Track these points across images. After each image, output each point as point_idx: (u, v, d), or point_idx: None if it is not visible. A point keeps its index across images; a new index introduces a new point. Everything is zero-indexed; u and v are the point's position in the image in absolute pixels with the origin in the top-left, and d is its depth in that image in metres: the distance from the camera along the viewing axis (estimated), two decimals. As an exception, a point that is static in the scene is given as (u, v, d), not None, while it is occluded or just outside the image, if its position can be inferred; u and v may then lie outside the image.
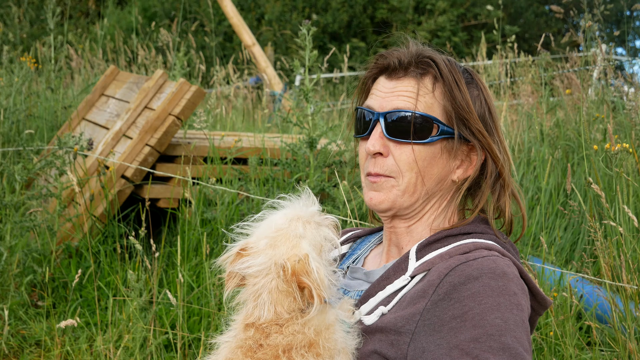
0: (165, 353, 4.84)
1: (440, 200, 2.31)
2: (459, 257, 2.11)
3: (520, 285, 2.08)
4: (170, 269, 5.65)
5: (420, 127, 2.21)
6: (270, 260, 2.04)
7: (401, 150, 2.23)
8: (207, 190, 5.84)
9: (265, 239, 2.08)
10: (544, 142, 6.78)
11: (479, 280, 2.03)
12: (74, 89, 9.76)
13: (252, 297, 2.06)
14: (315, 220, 2.13)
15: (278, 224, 2.10)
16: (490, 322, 1.96)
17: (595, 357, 4.10)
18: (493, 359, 1.91)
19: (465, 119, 2.22)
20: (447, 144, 2.24)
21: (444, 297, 2.03)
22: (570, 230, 5.96)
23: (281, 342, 2.00)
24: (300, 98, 5.92)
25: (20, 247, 5.44)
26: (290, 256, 2.03)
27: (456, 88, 2.23)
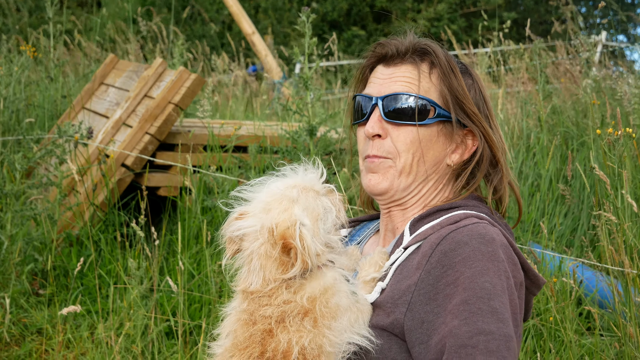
0: (166, 340, 4.85)
1: (436, 184, 2.34)
2: (450, 226, 2.15)
3: (508, 253, 2.10)
4: (171, 256, 5.66)
5: (418, 109, 2.25)
6: (260, 223, 2.06)
7: (399, 132, 2.27)
8: (207, 178, 5.84)
9: (261, 203, 2.10)
10: (543, 129, 6.78)
11: (468, 245, 2.06)
12: (72, 78, 9.74)
13: (246, 262, 2.08)
14: (315, 188, 2.15)
15: (274, 189, 2.12)
16: (480, 285, 1.99)
17: (596, 342, 4.11)
18: (482, 321, 1.94)
19: (461, 103, 2.27)
20: (444, 128, 2.29)
21: (436, 265, 2.07)
22: (570, 217, 5.96)
23: (272, 313, 2.01)
24: (300, 86, 5.91)
25: (21, 236, 5.45)
26: (280, 220, 2.04)
27: (452, 74, 2.28)
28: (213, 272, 5.00)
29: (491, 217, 2.25)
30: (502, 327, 1.94)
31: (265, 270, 2.04)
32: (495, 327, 1.93)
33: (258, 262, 2.05)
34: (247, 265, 2.07)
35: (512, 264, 2.09)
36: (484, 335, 1.91)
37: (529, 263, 2.20)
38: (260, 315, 2.02)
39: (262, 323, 2.02)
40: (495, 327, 1.93)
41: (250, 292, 2.05)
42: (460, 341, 1.92)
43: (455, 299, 1.99)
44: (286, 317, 2.01)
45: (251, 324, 2.03)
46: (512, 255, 2.11)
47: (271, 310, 2.02)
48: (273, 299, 2.03)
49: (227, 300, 4.73)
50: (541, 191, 6.09)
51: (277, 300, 2.02)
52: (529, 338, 4.49)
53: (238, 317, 2.06)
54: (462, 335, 1.92)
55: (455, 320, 1.95)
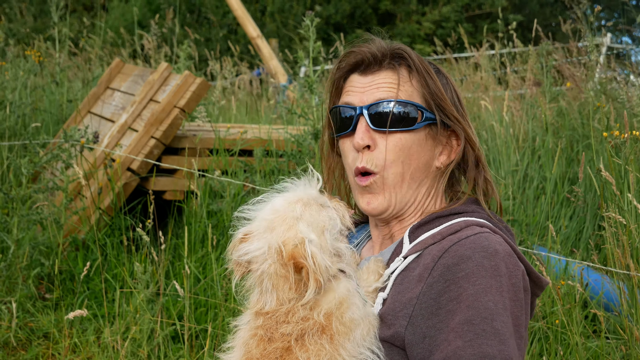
0: (172, 344, 4.86)
1: (429, 189, 2.32)
2: (451, 237, 2.13)
3: (512, 263, 2.09)
4: (177, 260, 5.66)
5: (406, 114, 2.23)
6: (267, 244, 2.03)
7: (388, 140, 2.23)
8: (213, 182, 5.85)
9: (264, 222, 2.06)
10: (548, 131, 6.78)
11: (471, 260, 2.04)
12: (77, 83, 9.77)
13: (257, 284, 2.05)
14: (317, 201, 2.12)
15: (276, 207, 2.08)
16: (484, 305, 1.99)
17: (602, 345, 4.10)
18: (485, 344, 1.95)
19: (441, 105, 2.26)
20: (430, 131, 2.27)
21: (438, 279, 2.06)
22: (575, 220, 5.96)
23: (292, 331, 1.99)
24: (305, 89, 5.92)
25: (27, 240, 5.46)
26: (285, 239, 2.01)
27: (429, 77, 2.26)
28: (219, 276, 5.01)
29: (491, 222, 2.24)
30: (504, 349, 1.95)
31: (279, 290, 2.02)
32: (497, 350, 1.94)
33: (269, 283, 2.02)
34: (259, 286, 2.04)
35: (515, 275, 2.08)
36: (487, 359, 1.93)
37: (532, 266, 2.20)
38: (280, 334, 1.99)
39: (280, 341, 1.99)
40: (497, 350, 1.94)
41: (265, 312, 2.02)
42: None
43: (459, 317, 1.99)
44: (306, 335, 1.99)
45: (267, 341, 2.00)
46: (516, 263, 2.10)
47: (290, 327, 1.99)
48: (290, 316, 2.00)
49: (233, 304, 4.75)
50: (546, 194, 6.08)
51: (294, 317, 2.00)
52: (535, 341, 4.49)
53: (253, 332, 2.03)
54: (467, 358, 1.94)
55: (459, 340, 1.96)
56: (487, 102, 7.51)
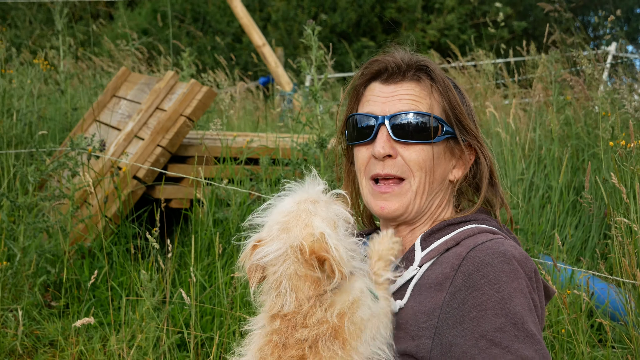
0: (178, 352, 4.86)
1: (441, 200, 2.35)
2: (466, 242, 2.16)
3: (528, 264, 2.12)
4: (183, 268, 5.67)
5: (426, 127, 2.25)
6: (285, 245, 2.03)
7: (410, 151, 2.26)
8: (219, 191, 5.86)
9: (277, 225, 2.07)
10: (554, 140, 6.78)
11: (491, 266, 2.07)
12: (81, 90, 9.79)
13: (274, 287, 2.04)
14: (323, 199, 2.13)
15: (287, 208, 2.09)
16: (512, 310, 2.01)
17: (608, 354, 4.10)
18: (522, 347, 1.97)
19: (460, 118, 2.29)
20: (448, 144, 2.31)
21: (460, 287, 2.08)
22: (581, 229, 5.95)
23: (307, 336, 1.99)
24: (310, 98, 5.93)
25: (33, 248, 5.47)
26: (305, 236, 2.02)
27: (449, 91, 2.29)
28: (225, 284, 5.01)
29: (501, 231, 2.26)
30: (540, 348, 2.00)
31: (298, 291, 2.01)
32: (533, 351, 1.98)
33: (288, 284, 2.02)
34: (276, 290, 2.03)
35: (533, 274, 2.12)
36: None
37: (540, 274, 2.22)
38: (295, 340, 1.99)
39: (295, 349, 1.99)
40: (533, 350, 1.98)
41: (283, 315, 2.02)
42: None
43: (488, 324, 2.01)
44: (319, 341, 1.99)
45: (281, 348, 2.00)
46: (531, 264, 2.13)
47: (306, 332, 1.99)
48: (308, 318, 2.00)
49: (239, 311, 4.75)
50: (552, 203, 6.09)
51: (312, 319, 2.00)
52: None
53: (268, 338, 2.03)
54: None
55: (495, 348, 1.98)
56: (492, 109, 7.52)
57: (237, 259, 5.25)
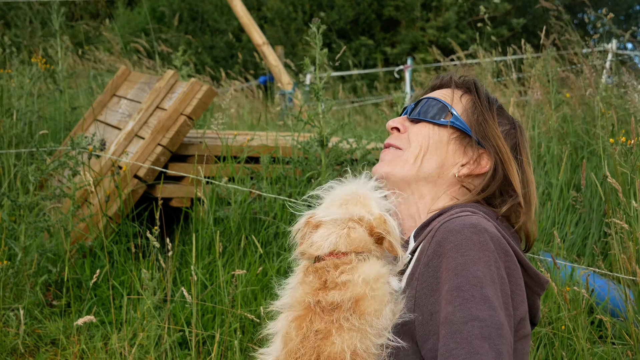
0: (179, 350, 4.88)
1: (438, 189, 2.40)
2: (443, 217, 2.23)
3: (500, 244, 2.14)
4: (184, 267, 5.68)
5: (434, 108, 2.42)
6: (346, 214, 2.15)
7: (416, 127, 2.43)
8: (220, 189, 5.87)
9: (338, 201, 2.20)
10: (553, 138, 6.79)
11: (460, 233, 2.11)
12: (81, 90, 9.80)
13: (321, 238, 2.15)
14: (374, 190, 2.27)
15: (348, 189, 2.23)
16: (472, 273, 2.04)
17: (608, 350, 4.12)
18: (475, 308, 1.99)
19: (485, 126, 2.39)
20: (458, 137, 2.40)
21: (432, 256, 2.13)
22: (581, 226, 5.97)
23: (334, 299, 2.07)
24: (311, 97, 5.94)
25: (34, 248, 5.48)
26: (365, 213, 2.15)
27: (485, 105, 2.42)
28: (226, 282, 5.03)
29: (492, 220, 2.28)
30: (494, 314, 2.00)
31: (340, 243, 2.13)
32: (487, 315, 1.99)
33: (336, 237, 2.14)
34: (322, 239, 2.15)
35: (504, 254, 2.14)
36: (478, 322, 1.97)
37: (529, 263, 2.25)
38: (324, 303, 2.07)
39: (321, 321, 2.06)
40: (487, 314, 1.99)
41: (316, 256, 2.13)
42: (455, 327, 1.98)
43: (449, 284, 2.05)
44: (343, 310, 2.06)
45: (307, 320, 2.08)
46: (504, 246, 2.15)
47: (337, 295, 2.07)
48: (338, 272, 2.10)
49: (240, 309, 4.77)
50: (552, 200, 6.10)
51: (341, 277, 2.09)
52: (541, 347, 4.50)
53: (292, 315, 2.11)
54: (457, 321, 1.99)
55: (449, 305, 2.02)
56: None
57: (237, 257, 5.27)
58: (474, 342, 1.95)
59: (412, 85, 13.81)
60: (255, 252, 5.44)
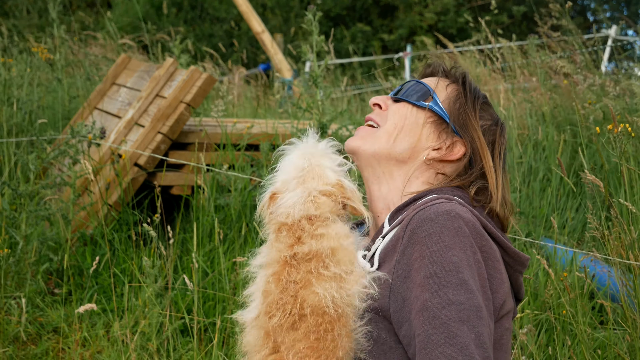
0: (181, 338, 4.89)
1: (408, 171, 2.40)
2: (419, 205, 2.22)
3: (475, 228, 2.14)
4: (185, 255, 5.69)
5: (417, 91, 2.43)
6: (304, 192, 2.17)
7: (395, 107, 2.44)
8: (220, 177, 5.87)
9: (294, 180, 2.21)
10: (548, 123, 6.79)
11: (434, 221, 2.11)
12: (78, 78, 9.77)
13: (290, 207, 2.18)
14: (326, 152, 2.28)
15: (298, 164, 2.24)
16: (448, 259, 2.04)
17: (609, 335, 4.13)
18: (452, 292, 1.99)
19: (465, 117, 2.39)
20: (434, 122, 2.40)
21: (407, 244, 2.12)
22: (581, 211, 5.97)
23: (311, 249, 2.11)
24: (310, 84, 5.93)
25: (36, 236, 5.49)
26: (322, 185, 2.19)
27: (469, 96, 2.42)
28: (227, 269, 5.04)
29: (467, 205, 2.27)
30: (472, 297, 2.00)
31: (310, 208, 2.17)
32: (465, 298, 1.99)
33: (304, 203, 2.17)
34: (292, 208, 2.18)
35: (479, 238, 2.14)
36: (455, 306, 1.97)
37: (507, 241, 2.25)
38: (300, 253, 2.11)
39: (298, 271, 2.10)
40: (465, 298, 1.99)
41: (285, 224, 2.16)
42: (432, 312, 1.98)
43: (423, 272, 2.04)
44: (322, 258, 2.10)
45: (284, 274, 2.11)
46: (479, 230, 2.15)
47: (314, 244, 2.11)
48: (314, 227, 2.14)
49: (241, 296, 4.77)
50: (552, 186, 6.10)
51: (318, 230, 2.13)
52: (543, 332, 4.51)
53: (269, 271, 2.15)
54: (434, 307, 1.98)
55: (426, 293, 2.01)
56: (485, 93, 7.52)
57: (238, 244, 5.27)
58: (452, 326, 1.95)
59: (412, 72, 13.79)
60: (257, 240, 5.45)
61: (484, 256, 2.13)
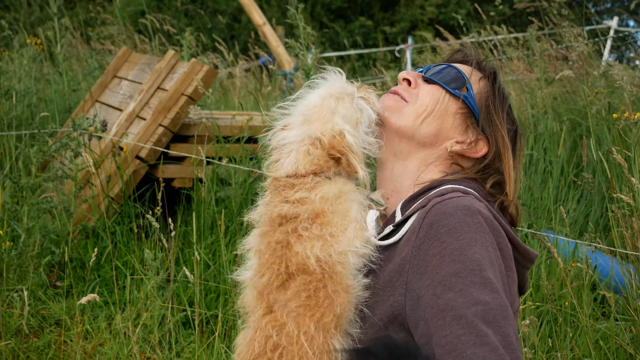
0: (183, 330, 4.90)
1: (427, 157, 2.36)
2: (436, 199, 2.17)
3: (494, 225, 2.11)
4: (186, 247, 5.69)
5: (452, 77, 2.37)
6: (305, 134, 2.17)
7: (428, 88, 2.36)
8: (220, 170, 5.87)
9: (300, 116, 2.21)
10: (548, 115, 6.78)
11: (454, 217, 2.07)
12: (81, 72, 9.78)
13: (284, 155, 2.19)
14: (348, 93, 2.24)
15: (311, 102, 2.22)
16: (470, 257, 1.99)
17: (611, 326, 4.13)
18: (476, 292, 1.94)
19: (492, 114, 2.35)
20: (464, 114, 2.35)
21: (423, 239, 2.08)
22: (583, 202, 5.97)
23: (287, 211, 2.12)
24: (303, 77, 5.92)
25: (37, 229, 5.49)
26: (325, 130, 2.16)
27: (498, 95, 2.38)
28: (228, 262, 5.04)
29: (483, 200, 2.25)
30: (497, 297, 1.95)
31: (299, 164, 2.16)
32: (490, 298, 1.94)
33: (296, 156, 2.16)
34: (285, 158, 2.19)
35: (497, 235, 2.11)
36: (481, 305, 1.92)
37: (517, 238, 2.23)
38: (277, 214, 2.12)
39: (279, 232, 2.11)
40: (490, 297, 1.94)
41: (277, 179, 2.17)
42: (459, 312, 1.92)
43: (445, 270, 1.99)
44: (299, 221, 2.10)
45: (271, 234, 2.13)
46: (497, 227, 2.12)
47: (287, 207, 2.11)
48: (294, 191, 2.13)
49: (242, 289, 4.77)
50: (553, 177, 6.10)
51: (296, 194, 2.12)
52: (545, 323, 4.51)
53: (260, 230, 2.17)
54: (460, 306, 1.92)
55: (449, 292, 1.95)
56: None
57: (240, 237, 5.27)
58: (481, 326, 1.89)
59: (413, 65, 13.77)
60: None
61: (500, 253, 2.10)
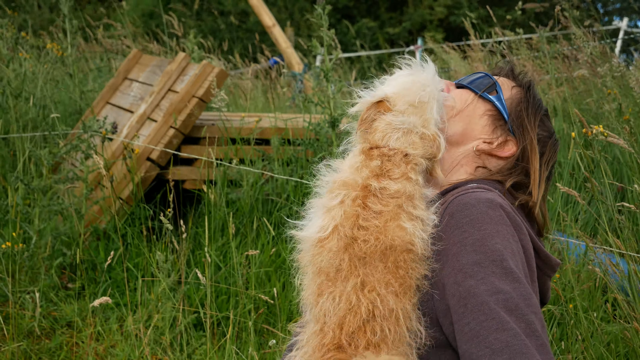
0: (194, 332, 4.91)
1: (454, 157, 2.37)
2: (456, 191, 2.20)
3: (516, 222, 2.11)
4: (198, 249, 5.71)
5: (483, 83, 2.41)
6: (412, 124, 2.15)
7: (457, 92, 2.41)
8: (230, 172, 5.88)
9: (408, 97, 2.19)
10: (559, 116, 6.77)
11: (476, 207, 2.07)
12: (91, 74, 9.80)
13: (389, 129, 2.16)
14: (436, 86, 2.26)
15: (418, 86, 2.21)
16: (491, 248, 2.00)
17: (621, 329, 4.12)
18: (498, 281, 1.95)
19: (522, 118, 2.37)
20: (492, 116, 2.38)
21: (445, 229, 2.09)
22: (593, 205, 5.95)
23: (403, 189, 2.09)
24: (321, 78, 5.93)
25: (49, 231, 5.52)
26: (424, 121, 2.17)
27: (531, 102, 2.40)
28: (239, 264, 5.05)
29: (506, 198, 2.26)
30: (519, 286, 1.95)
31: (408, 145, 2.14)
32: (511, 287, 1.94)
33: (402, 136, 2.15)
34: (390, 131, 2.15)
35: (519, 231, 2.11)
36: (502, 294, 1.93)
37: (540, 244, 2.23)
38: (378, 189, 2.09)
39: (387, 204, 2.07)
40: (511, 287, 1.94)
41: (379, 147, 2.14)
42: (481, 299, 1.93)
43: (466, 259, 2.00)
44: (407, 199, 2.08)
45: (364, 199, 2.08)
46: (519, 223, 2.12)
47: (398, 185, 2.09)
48: (406, 168, 2.12)
49: (254, 291, 4.79)
50: (564, 179, 6.09)
51: (409, 172, 2.11)
52: (555, 325, 4.51)
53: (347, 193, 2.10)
54: (482, 294, 1.94)
55: (470, 280, 1.97)
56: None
57: (250, 238, 5.27)
58: (502, 314, 1.90)
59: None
60: (269, 234, 5.46)
61: (524, 245, 2.10)
